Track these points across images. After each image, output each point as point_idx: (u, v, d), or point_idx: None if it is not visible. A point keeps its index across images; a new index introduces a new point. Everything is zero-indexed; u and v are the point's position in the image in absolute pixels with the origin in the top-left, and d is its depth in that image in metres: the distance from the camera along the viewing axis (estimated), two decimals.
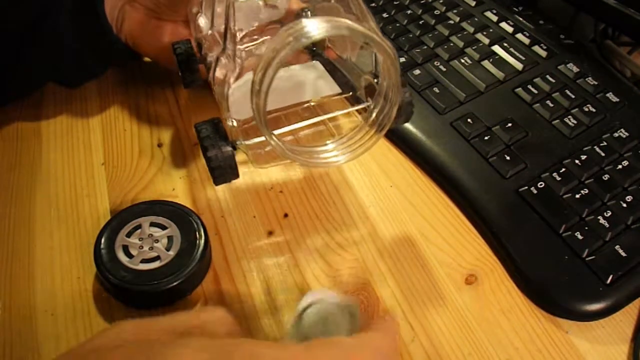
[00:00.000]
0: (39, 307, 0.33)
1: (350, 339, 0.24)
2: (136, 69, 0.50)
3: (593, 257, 0.34)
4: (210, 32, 0.36)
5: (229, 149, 0.31)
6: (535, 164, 0.39)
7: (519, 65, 0.46)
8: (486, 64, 0.46)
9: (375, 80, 0.32)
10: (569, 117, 0.42)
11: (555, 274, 0.34)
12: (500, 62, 0.46)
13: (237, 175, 0.32)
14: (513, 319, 0.33)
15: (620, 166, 0.38)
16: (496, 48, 0.48)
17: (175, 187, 0.40)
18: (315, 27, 0.25)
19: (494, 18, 0.51)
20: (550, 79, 0.45)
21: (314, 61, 0.38)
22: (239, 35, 0.32)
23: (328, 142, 0.32)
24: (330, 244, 0.37)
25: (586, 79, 0.45)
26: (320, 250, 0.36)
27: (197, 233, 0.34)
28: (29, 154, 0.43)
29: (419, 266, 0.36)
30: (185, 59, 0.39)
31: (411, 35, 0.50)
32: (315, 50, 0.39)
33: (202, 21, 0.38)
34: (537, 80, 0.45)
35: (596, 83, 0.44)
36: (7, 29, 0.40)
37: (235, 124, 0.32)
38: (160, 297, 0.32)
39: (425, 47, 0.49)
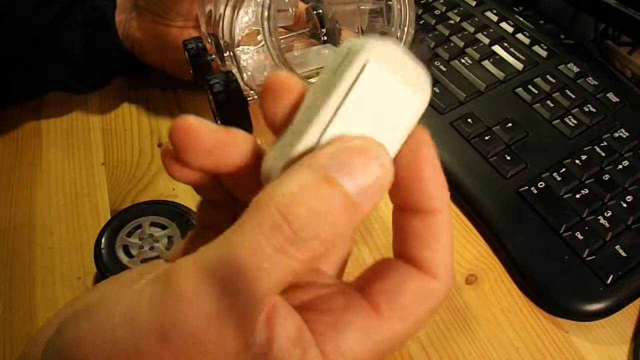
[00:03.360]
0: (39, 307, 0.33)
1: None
2: None
3: (593, 257, 0.34)
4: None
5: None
6: (536, 164, 0.39)
7: (519, 65, 0.46)
8: (486, 64, 0.46)
9: None
10: (569, 117, 0.42)
11: (555, 274, 0.34)
12: (500, 62, 0.46)
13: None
14: (513, 319, 0.33)
15: (620, 166, 0.38)
16: (496, 48, 0.48)
17: (175, 187, 0.40)
18: None
19: (494, 18, 0.51)
20: (551, 79, 0.45)
21: (327, 44, 0.39)
22: None
23: None
24: None
25: (586, 79, 0.45)
26: None
27: None
28: (29, 154, 0.43)
29: None
30: (196, 53, 0.39)
31: None
32: (327, 34, 0.40)
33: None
34: (538, 80, 0.45)
35: (596, 83, 0.44)
36: (17, 37, 0.40)
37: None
38: None
39: None
